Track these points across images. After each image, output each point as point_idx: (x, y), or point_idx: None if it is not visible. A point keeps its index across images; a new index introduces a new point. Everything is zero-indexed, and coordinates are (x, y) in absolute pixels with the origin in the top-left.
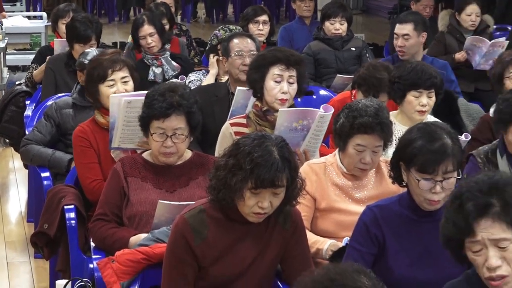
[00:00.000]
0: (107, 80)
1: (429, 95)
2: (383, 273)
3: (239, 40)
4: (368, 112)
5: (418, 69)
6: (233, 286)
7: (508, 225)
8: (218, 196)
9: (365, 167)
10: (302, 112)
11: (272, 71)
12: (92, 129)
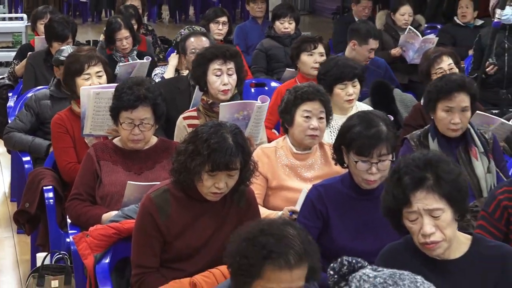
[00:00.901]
0: (83, 74)
1: (353, 84)
2: (327, 245)
3: (195, 39)
4: (309, 85)
5: (340, 64)
6: (194, 257)
7: (440, 197)
8: (179, 178)
9: (314, 132)
10: (241, 105)
11: (212, 67)
12: (69, 117)
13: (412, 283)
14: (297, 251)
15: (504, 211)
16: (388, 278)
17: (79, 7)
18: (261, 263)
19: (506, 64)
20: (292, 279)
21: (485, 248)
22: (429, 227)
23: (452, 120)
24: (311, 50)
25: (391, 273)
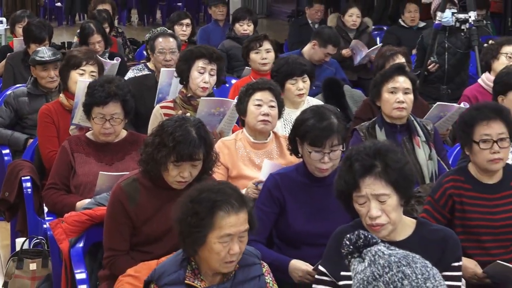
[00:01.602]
0: (79, 69)
1: (303, 80)
2: (283, 228)
3: (162, 39)
4: (260, 79)
5: (290, 62)
6: (161, 241)
7: (387, 183)
8: (147, 168)
9: (265, 118)
10: (220, 101)
11: (197, 64)
12: (56, 109)
13: (423, 267)
14: (236, 196)
15: (449, 199)
16: (403, 259)
17: (54, 11)
18: (210, 214)
19: (446, 62)
20: (240, 221)
21: (428, 231)
22: (375, 211)
23: (397, 99)
24: (257, 48)
25: (404, 254)
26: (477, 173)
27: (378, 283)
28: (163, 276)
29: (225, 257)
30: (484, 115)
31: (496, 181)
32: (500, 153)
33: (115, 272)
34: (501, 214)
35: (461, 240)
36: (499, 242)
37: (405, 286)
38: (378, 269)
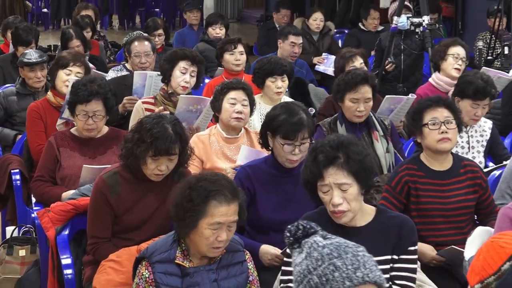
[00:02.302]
0: (66, 68)
1: (282, 79)
2: (254, 216)
3: (138, 43)
4: (234, 79)
5: (272, 61)
6: (141, 229)
7: (348, 173)
8: (127, 162)
9: (238, 115)
10: (197, 99)
11: (180, 64)
12: (44, 106)
13: (354, 256)
14: (230, 189)
15: (405, 186)
16: (335, 250)
17: (41, 16)
18: (204, 202)
19: (402, 62)
20: (230, 212)
21: (386, 218)
22: (337, 198)
23: (358, 108)
24: (232, 50)
25: (337, 245)
26: (428, 161)
27: (312, 276)
28: (155, 254)
29: (213, 243)
30: (431, 102)
31: (446, 168)
32: (448, 133)
33: (98, 257)
34: (452, 198)
35: (416, 223)
36: (451, 223)
37: (336, 277)
38: (312, 263)
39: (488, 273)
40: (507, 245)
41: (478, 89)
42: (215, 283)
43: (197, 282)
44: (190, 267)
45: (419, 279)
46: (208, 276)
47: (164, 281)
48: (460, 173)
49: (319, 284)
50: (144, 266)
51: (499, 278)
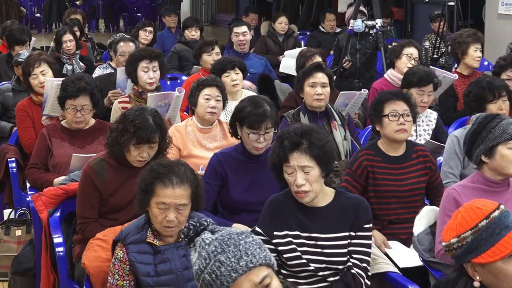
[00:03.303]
0: (32, 75)
1: (235, 72)
2: (226, 198)
3: (123, 44)
4: (209, 76)
5: (221, 60)
6: (125, 210)
7: (311, 157)
8: (112, 150)
9: (212, 110)
10: (163, 95)
11: (141, 65)
12: (30, 104)
13: (236, 247)
14: (178, 175)
15: (364, 170)
16: (219, 246)
17: (34, 21)
18: (152, 183)
19: (357, 60)
20: (175, 195)
21: (344, 199)
22: (300, 180)
23: (316, 92)
24: (209, 51)
25: (221, 239)
26: (385, 147)
27: (204, 274)
28: (129, 236)
29: (162, 222)
30: (392, 96)
31: (400, 154)
32: (405, 125)
33: (86, 236)
34: (405, 181)
35: (373, 203)
36: (404, 203)
37: (223, 272)
38: (202, 262)
39: (465, 228)
40: (483, 207)
41: (422, 76)
42: (184, 258)
43: (167, 258)
44: (160, 245)
45: (373, 253)
46: (177, 252)
47: (138, 259)
48: (412, 158)
49: (211, 281)
50: (119, 247)
51: (476, 233)
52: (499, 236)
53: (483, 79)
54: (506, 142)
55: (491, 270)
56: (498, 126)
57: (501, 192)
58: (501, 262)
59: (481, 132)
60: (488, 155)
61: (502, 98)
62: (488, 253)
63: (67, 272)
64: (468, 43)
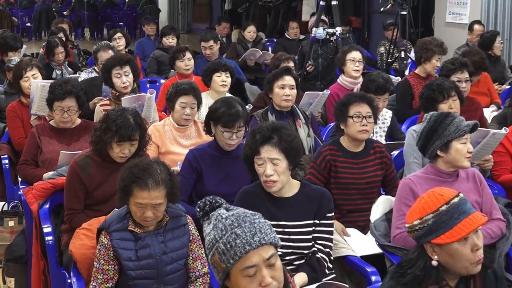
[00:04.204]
0: (23, 77)
1: (226, 75)
2: (201, 190)
3: (103, 52)
4: (187, 83)
5: (216, 62)
6: (108, 202)
7: (280, 151)
8: (96, 147)
9: (187, 117)
10: (137, 97)
11: (113, 71)
12: (19, 106)
13: (251, 224)
14: (155, 177)
15: (327, 163)
16: (235, 221)
17: (25, 29)
18: (130, 185)
19: (319, 65)
20: (151, 197)
21: (309, 190)
22: (270, 170)
23: (285, 93)
24: (181, 57)
25: (238, 215)
26: (347, 144)
27: (219, 244)
28: (112, 225)
29: (141, 217)
30: (356, 98)
31: (360, 150)
32: (367, 126)
33: (73, 226)
34: (364, 174)
35: (335, 194)
36: (363, 194)
37: (238, 244)
38: (218, 233)
39: (427, 212)
40: (445, 194)
41: (379, 86)
42: (163, 244)
43: (147, 244)
44: (141, 233)
45: (335, 239)
46: (156, 238)
47: (121, 245)
48: (370, 154)
49: (225, 251)
50: (103, 235)
51: (436, 217)
52: (457, 220)
53: (434, 82)
54: (459, 138)
55: (448, 250)
56: (452, 124)
57: (452, 182)
58: (457, 243)
59: (437, 129)
60: (443, 149)
61: (452, 98)
62: (446, 235)
63: (56, 259)
64: (434, 52)
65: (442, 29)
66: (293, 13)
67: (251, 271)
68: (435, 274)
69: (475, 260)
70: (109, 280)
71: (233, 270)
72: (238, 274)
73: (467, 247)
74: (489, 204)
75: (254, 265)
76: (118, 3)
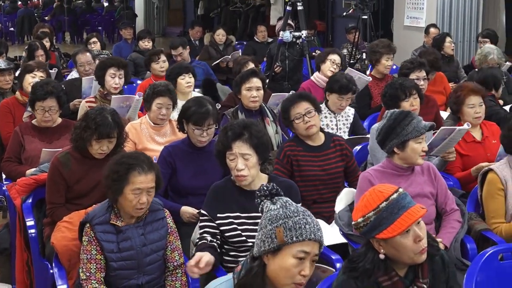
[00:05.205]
0: (32, 73)
1: (189, 76)
2: (175, 184)
3: (81, 55)
4: (164, 85)
5: (177, 65)
6: (88, 196)
7: (250, 146)
8: (76, 144)
9: (163, 117)
10: (125, 97)
11: (110, 71)
12: (13, 103)
13: (316, 221)
14: (146, 162)
15: (288, 158)
16: (306, 211)
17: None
18: (127, 172)
19: (287, 66)
20: (147, 180)
21: (277, 183)
22: (241, 165)
23: (252, 95)
24: (157, 60)
25: (306, 209)
26: (305, 140)
27: (288, 221)
28: (95, 218)
29: (136, 205)
30: (292, 101)
31: (319, 143)
32: (310, 121)
33: (55, 219)
34: (326, 166)
35: (301, 186)
36: (326, 185)
37: (307, 229)
38: (290, 212)
39: (369, 209)
40: (384, 190)
41: (343, 86)
42: (143, 236)
43: (128, 236)
44: (122, 226)
45: None
46: (137, 231)
47: (104, 238)
48: (331, 147)
49: (292, 228)
50: (89, 228)
51: (377, 213)
52: (397, 215)
53: (396, 81)
54: (416, 138)
55: (392, 244)
56: (410, 124)
57: (407, 176)
58: (400, 237)
59: (395, 128)
60: (400, 147)
61: (413, 96)
62: (388, 229)
63: (38, 251)
64: (382, 53)
65: (401, 32)
66: (261, 17)
67: (303, 255)
68: (384, 267)
69: (418, 250)
70: (102, 269)
71: (288, 247)
72: (290, 253)
73: (410, 238)
74: (444, 195)
75: (308, 252)
76: (96, 9)
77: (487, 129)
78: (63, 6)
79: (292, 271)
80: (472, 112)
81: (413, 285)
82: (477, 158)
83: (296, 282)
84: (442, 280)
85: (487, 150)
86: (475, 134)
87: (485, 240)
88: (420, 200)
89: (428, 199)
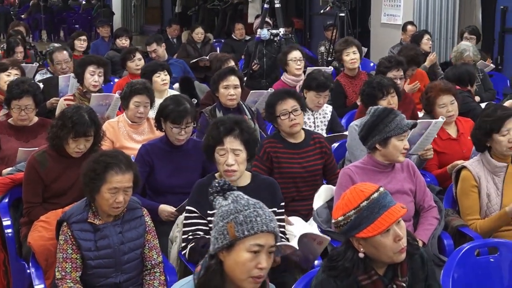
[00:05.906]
0: (7, 71)
1: (164, 74)
2: (153, 182)
3: (58, 53)
4: (142, 83)
5: (152, 63)
6: (65, 195)
7: (241, 142)
8: (53, 143)
9: (141, 115)
10: (105, 96)
11: (89, 68)
12: None
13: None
14: (124, 162)
15: (268, 155)
16: (257, 203)
17: None
18: (104, 171)
19: (264, 63)
20: (124, 180)
21: (260, 180)
22: (231, 160)
23: (229, 93)
24: (132, 58)
25: (258, 201)
26: (286, 137)
27: (239, 215)
28: (72, 217)
29: (112, 204)
30: (278, 98)
31: (299, 141)
32: (296, 119)
33: (32, 218)
34: (305, 163)
35: (280, 183)
36: (305, 182)
37: (258, 221)
38: (240, 206)
39: (349, 208)
40: (365, 189)
41: (320, 83)
42: (120, 235)
43: (106, 234)
44: (100, 224)
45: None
46: (114, 229)
47: (81, 236)
48: (310, 144)
49: (243, 222)
50: (66, 226)
51: (358, 212)
52: (378, 215)
53: (374, 80)
54: (398, 135)
55: (372, 243)
56: (394, 121)
57: (387, 172)
58: (380, 236)
59: (378, 124)
60: (382, 144)
61: (391, 94)
62: (368, 229)
63: (15, 250)
64: (340, 50)
65: (378, 30)
66: (239, 15)
67: (257, 249)
68: (363, 265)
69: (398, 250)
70: (77, 268)
71: (241, 242)
72: (244, 247)
73: (390, 238)
74: (422, 192)
75: (262, 245)
76: (73, 7)
77: (462, 126)
78: (40, 4)
79: (247, 265)
80: (444, 112)
81: (392, 284)
82: (453, 155)
83: (253, 276)
84: (421, 278)
85: (462, 146)
86: (450, 131)
87: (462, 236)
88: (399, 197)
89: (407, 196)
